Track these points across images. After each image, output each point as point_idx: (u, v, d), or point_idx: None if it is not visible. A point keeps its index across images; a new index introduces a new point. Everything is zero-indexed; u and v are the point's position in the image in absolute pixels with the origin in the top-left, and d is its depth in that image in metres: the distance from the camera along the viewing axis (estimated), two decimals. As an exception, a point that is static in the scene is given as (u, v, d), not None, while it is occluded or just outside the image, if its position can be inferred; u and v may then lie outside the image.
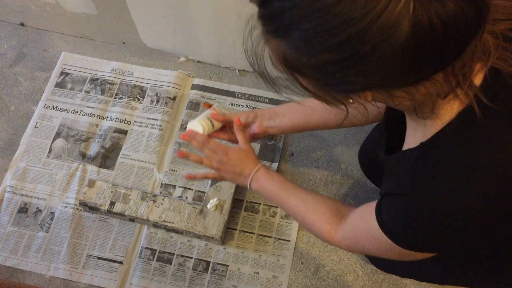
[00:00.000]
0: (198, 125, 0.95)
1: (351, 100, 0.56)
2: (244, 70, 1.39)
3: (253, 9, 0.54)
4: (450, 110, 0.56)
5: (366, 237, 0.71)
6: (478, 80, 0.55)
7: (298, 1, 0.47)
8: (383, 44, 0.45)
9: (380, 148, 0.76)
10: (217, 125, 0.99)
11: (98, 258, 1.15)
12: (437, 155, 0.57)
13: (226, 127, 1.02)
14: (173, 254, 1.16)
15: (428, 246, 0.61)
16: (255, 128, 1.01)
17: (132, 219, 1.17)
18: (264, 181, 0.90)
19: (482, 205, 0.55)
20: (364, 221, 0.72)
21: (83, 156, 1.26)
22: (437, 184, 0.55)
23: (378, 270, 1.12)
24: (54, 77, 1.37)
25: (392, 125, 0.78)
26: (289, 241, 1.17)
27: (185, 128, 1.29)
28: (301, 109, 0.98)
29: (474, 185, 0.54)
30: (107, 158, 1.26)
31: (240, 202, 1.21)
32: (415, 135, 0.62)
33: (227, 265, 1.15)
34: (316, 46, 0.48)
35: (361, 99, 0.55)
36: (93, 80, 1.37)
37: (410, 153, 0.62)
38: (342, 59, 0.48)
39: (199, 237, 1.15)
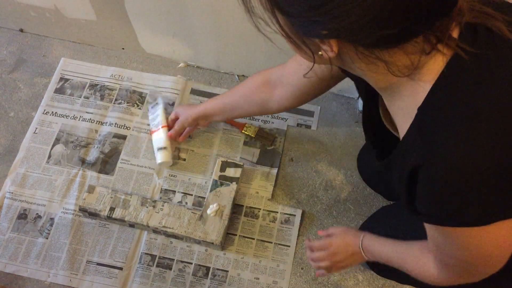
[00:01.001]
0: (169, 160, 1.23)
1: (320, 53, 0.57)
2: (243, 75, 1.39)
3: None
4: (435, 64, 0.56)
5: (440, 250, 0.68)
6: (455, 34, 0.56)
7: None
8: None
9: (374, 159, 0.76)
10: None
11: (98, 264, 1.15)
12: (439, 111, 0.55)
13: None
14: (173, 259, 1.16)
15: (468, 211, 0.56)
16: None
17: (132, 225, 1.17)
18: (371, 243, 0.90)
19: (500, 147, 0.53)
20: (429, 239, 0.69)
21: (83, 161, 1.26)
22: (449, 141, 0.53)
23: (378, 275, 1.12)
24: (53, 83, 1.37)
25: (374, 136, 0.79)
26: (289, 246, 1.17)
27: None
28: (226, 107, 1.12)
29: (487, 130, 0.53)
30: (106, 163, 1.26)
31: (240, 207, 1.21)
32: (409, 109, 0.60)
33: (227, 271, 1.15)
34: None
35: (328, 51, 0.55)
36: (92, 86, 1.37)
37: (410, 129, 0.59)
38: None
39: (199, 242, 1.15)
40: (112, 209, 1.16)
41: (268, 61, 1.26)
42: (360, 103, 1.33)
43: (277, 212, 1.21)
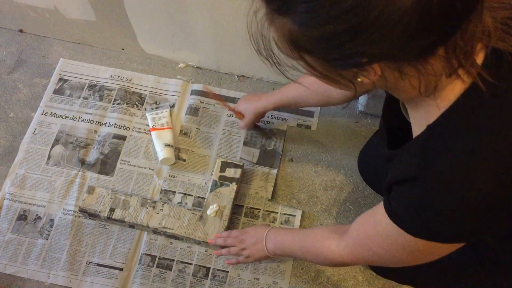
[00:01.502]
0: (172, 157, 1.25)
1: (359, 79, 0.56)
2: (243, 75, 1.39)
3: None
4: (452, 90, 0.56)
5: (374, 238, 0.69)
6: (479, 59, 0.55)
7: None
8: (389, 8, 0.45)
9: (383, 145, 0.76)
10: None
11: (98, 265, 1.15)
12: (446, 135, 0.56)
13: None
14: (173, 260, 1.15)
15: (443, 231, 0.59)
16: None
17: (132, 226, 1.17)
18: (273, 236, 0.97)
19: (497, 183, 0.54)
20: (369, 222, 0.70)
21: (82, 162, 1.26)
22: (449, 164, 0.54)
23: (378, 275, 1.12)
24: (52, 84, 1.37)
25: (391, 122, 0.79)
26: (289, 246, 1.17)
27: (185, 133, 1.29)
28: (293, 100, 1.13)
29: (488, 163, 0.53)
30: (106, 164, 1.26)
31: (240, 208, 1.21)
32: (419, 123, 0.61)
33: (227, 271, 1.15)
34: (321, 16, 0.48)
35: (370, 75, 0.54)
36: (92, 87, 1.37)
37: (416, 140, 0.61)
38: (349, 28, 0.48)
39: (199, 243, 1.15)
40: (112, 210, 1.16)
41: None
42: (359, 104, 1.33)
43: (277, 213, 1.20)
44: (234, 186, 1.18)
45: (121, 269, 1.14)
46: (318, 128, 1.32)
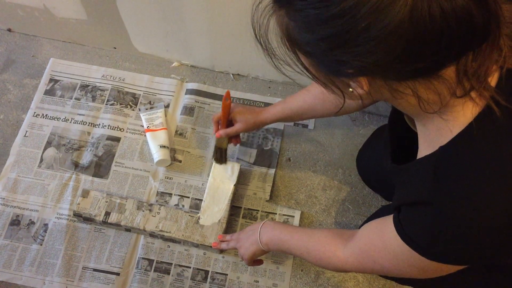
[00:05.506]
0: (168, 159, 1.22)
1: (350, 89, 0.55)
2: (238, 74, 1.37)
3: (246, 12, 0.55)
4: (465, 112, 0.54)
5: (381, 253, 0.68)
6: (493, 81, 0.53)
7: None
8: (376, 23, 0.45)
9: (386, 157, 0.75)
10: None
11: (94, 270, 1.13)
12: (459, 160, 0.54)
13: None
14: (171, 264, 1.14)
15: (457, 256, 0.58)
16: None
17: (128, 229, 1.15)
18: (270, 229, 0.94)
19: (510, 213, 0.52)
20: (377, 236, 0.69)
21: (76, 165, 1.23)
22: (464, 189, 0.53)
23: (379, 276, 1.12)
24: (43, 84, 1.34)
25: (397, 132, 0.77)
26: (288, 248, 1.16)
27: (180, 134, 1.27)
28: (298, 110, 1.05)
29: (504, 188, 0.52)
30: (100, 166, 1.23)
31: (238, 209, 1.19)
32: (429, 141, 0.59)
33: (226, 274, 1.13)
34: (312, 18, 0.48)
35: (359, 88, 0.54)
36: (84, 87, 1.34)
37: (427, 160, 0.59)
38: (334, 34, 0.48)
39: (197, 246, 1.13)
40: (107, 214, 1.14)
41: (263, 59, 1.24)
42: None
43: (276, 214, 1.19)
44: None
45: (118, 274, 1.12)
46: (316, 127, 1.31)
